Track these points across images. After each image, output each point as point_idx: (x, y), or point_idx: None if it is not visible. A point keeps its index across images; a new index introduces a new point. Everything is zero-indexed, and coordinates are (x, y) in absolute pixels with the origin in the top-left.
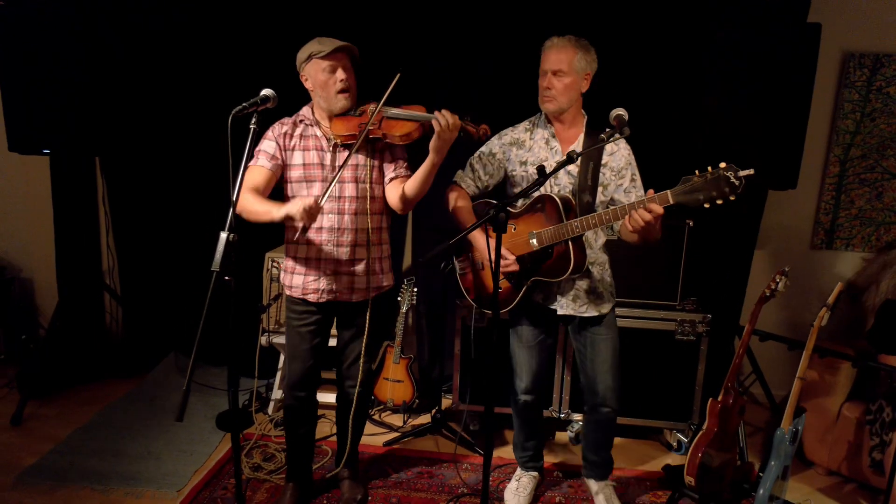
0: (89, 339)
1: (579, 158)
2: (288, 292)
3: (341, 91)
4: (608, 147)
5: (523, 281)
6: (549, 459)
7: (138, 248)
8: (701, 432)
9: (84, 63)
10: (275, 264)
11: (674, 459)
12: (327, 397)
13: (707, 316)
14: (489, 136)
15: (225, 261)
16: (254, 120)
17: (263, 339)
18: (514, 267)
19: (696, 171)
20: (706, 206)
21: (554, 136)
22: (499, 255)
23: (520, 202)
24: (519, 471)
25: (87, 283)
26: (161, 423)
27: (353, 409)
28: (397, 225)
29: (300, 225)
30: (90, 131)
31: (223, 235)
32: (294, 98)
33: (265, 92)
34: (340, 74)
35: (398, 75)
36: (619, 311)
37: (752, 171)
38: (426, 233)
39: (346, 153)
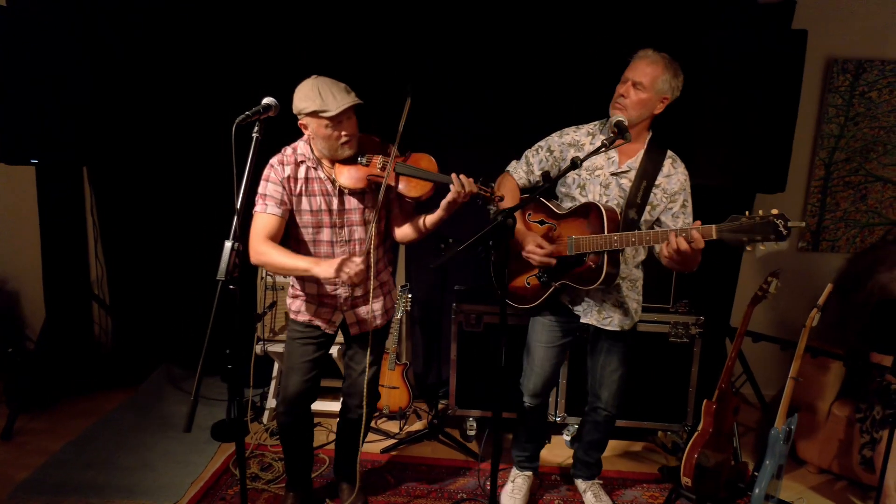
0: (78, 350)
1: (637, 172)
2: (293, 317)
3: (346, 143)
4: (665, 168)
5: (552, 282)
6: (546, 462)
7: (127, 258)
8: (696, 433)
9: (72, 73)
10: (269, 273)
11: (669, 460)
12: (325, 405)
13: (700, 318)
14: (503, 199)
15: (230, 270)
16: (256, 128)
17: (258, 348)
18: (551, 261)
19: (746, 213)
20: (748, 248)
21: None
22: (503, 265)
23: (566, 204)
24: (514, 471)
25: (76, 294)
26: (155, 435)
27: (361, 423)
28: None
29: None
30: (77, 141)
31: (227, 244)
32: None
33: (267, 100)
34: (346, 129)
35: (408, 103)
36: None
37: (802, 224)
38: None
39: (353, 198)
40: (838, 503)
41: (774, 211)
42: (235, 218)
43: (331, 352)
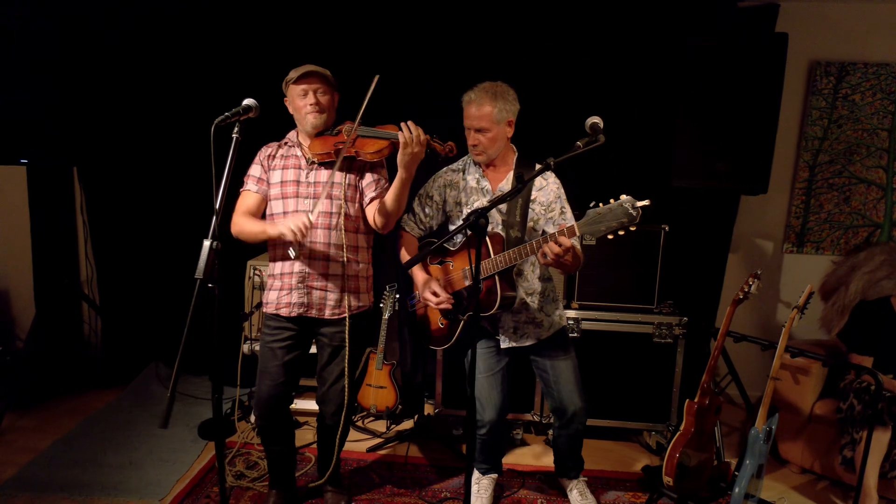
0: (68, 349)
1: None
2: (264, 309)
3: (310, 112)
4: (537, 182)
5: (459, 315)
6: (529, 463)
7: (117, 258)
8: (678, 433)
9: (62, 73)
10: (256, 272)
11: (653, 460)
12: (311, 404)
13: (683, 318)
14: (455, 153)
15: (208, 268)
16: (236, 129)
17: (246, 348)
18: (447, 305)
19: (601, 203)
20: (609, 236)
21: (483, 177)
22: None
23: (458, 239)
24: (477, 474)
25: (66, 293)
26: (142, 433)
27: (338, 429)
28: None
29: (290, 241)
30: (68, 141)
31: (206, 243)
32: (277, 108)
33: (247, 102)
34: (311, 98)
35: (376, 79)
36: (598, 314)
37: (648, 202)
38: None
39: (322, 171)
40: (819, 503)
41: (623, 196)
42: (214, 218)
43: (313, 350)
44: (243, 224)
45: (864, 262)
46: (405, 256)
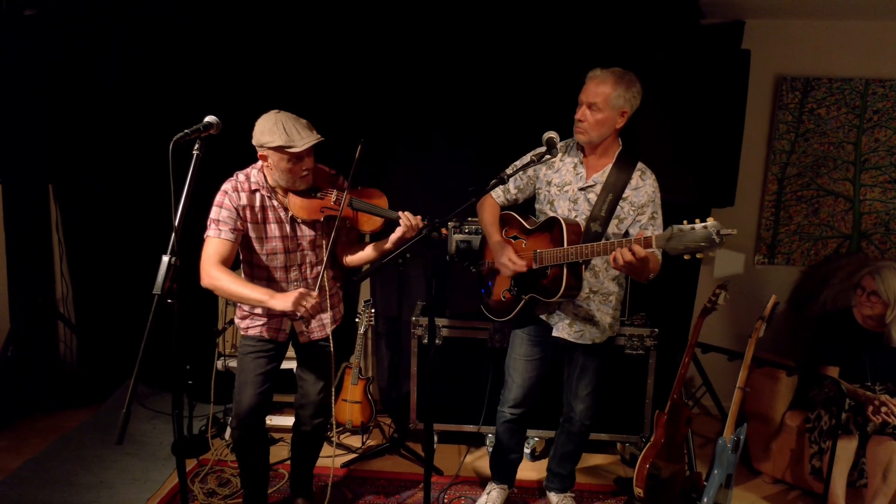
0: (42, 368)
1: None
2: (244, 332)
3: (304, 177)
4: (633, 181)
5: (521, 295)
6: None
7: (93, 276)
8: (649, 444)
9: (38, 93)
10: None
11: (627, 472)
12: (284, 420)
13: (654, 330)
14: (446, 236)
15: (166, 284)
16: (197, 146)
17: (219, 364)
18: (523, 269)
19: (685, 221)
20: (686, 257)
21: (581, 163)
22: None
23: (541, 220)
24: (490, 484)
25: (40, 311)
26: (116, 452)
27: (315, 435)
28: None
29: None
30: (43, 159)
31: (165, 259)
32: (241, 126)
33: (208, 119)
34: (307, 164)
35: (360, 146)
36: None
37: (734, 231)
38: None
39: (305, 227)
40: None
41: (710, 220)
42: (173, 234)
43: (292, 368)
44: (223, 280)
45: (833, 274)
46: (483, 217)
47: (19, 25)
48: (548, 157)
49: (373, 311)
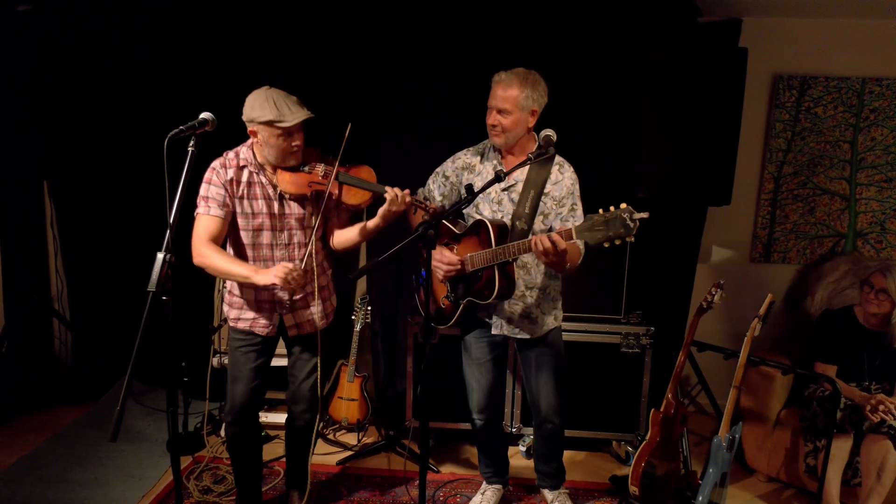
0: (37, 365)
1: (520, 184)
2: (233, 324)
3: (295, 152)
4: (552, 176)
5: (459, 300)
6: (515, 474)
7: (88, 272)
8: (644, 442)
9: (32, 89)
10: (225, 284)
11: (623, 470)
12: (278, 417)
13: (650, 328)
14: (435, 211)
15: (161, 281)
16: (192, 142)
17: (215, 361)
18: (454, 272)
19: (601, 210)
20: (605, 245)
21: (500, 164)
22: (429, 273)
23: (468, 221)
24: (484, 484)
25: (35, 308)
26: (111, 449)
27: (308, 430)
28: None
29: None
30: (38, 156)
31: (160, 256)
32: (235, 119)
33: (204, 115)
34: (297, 140)
35: (349, 128)
36: (566, 325)
37: (646, 215)
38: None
39: (293, 203)
40: None
41: (623, 205)
42: (168, 231)
43: (285, 364)
44: (213, 257)
45: (829, 272)
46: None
47: (13, 21)
48: (545, 155)
49: (369, 308)
